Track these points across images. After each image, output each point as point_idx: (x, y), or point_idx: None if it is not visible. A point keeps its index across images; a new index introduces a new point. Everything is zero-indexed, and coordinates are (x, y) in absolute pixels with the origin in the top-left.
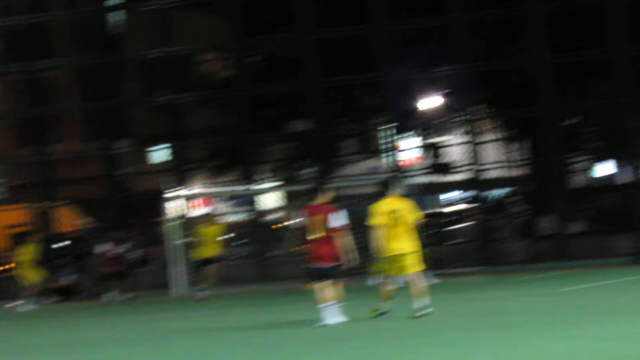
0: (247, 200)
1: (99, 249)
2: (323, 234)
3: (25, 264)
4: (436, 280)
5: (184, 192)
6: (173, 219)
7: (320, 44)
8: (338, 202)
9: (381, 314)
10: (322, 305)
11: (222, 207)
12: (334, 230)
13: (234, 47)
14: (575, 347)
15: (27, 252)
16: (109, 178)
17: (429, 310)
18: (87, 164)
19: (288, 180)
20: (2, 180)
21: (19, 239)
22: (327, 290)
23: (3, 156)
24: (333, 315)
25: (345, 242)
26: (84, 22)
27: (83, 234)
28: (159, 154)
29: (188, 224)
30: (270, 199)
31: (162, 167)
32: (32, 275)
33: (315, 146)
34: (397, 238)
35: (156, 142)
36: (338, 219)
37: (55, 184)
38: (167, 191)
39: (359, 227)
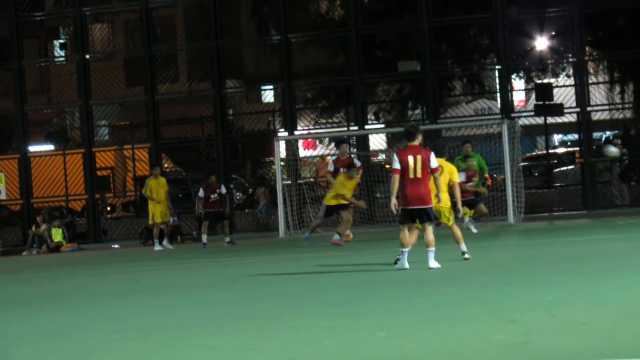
0: (358, 141)
1: (200, 191)
2: (421, 175)
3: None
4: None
5: (294, 133)
6: (283, 160)
7: None
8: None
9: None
10: (405, 250)
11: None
12: (435, 170)
13: None
14: None
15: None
16: (219, 119)
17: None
18: (196, 104)
19: (398, 122)
20: (110, 120)
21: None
22: (413, 235)
23: (112, 96)
24: (431, 260)
25: (440, 184)
26: None
27: (186, 176)
28: (269, 95)
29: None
30: (380, 141)
31: (272, 108)
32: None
33: (425, 87)
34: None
35: (266, 83)
36: (435, 161)
37: (164, 124)
38: (277, 132)
39: None
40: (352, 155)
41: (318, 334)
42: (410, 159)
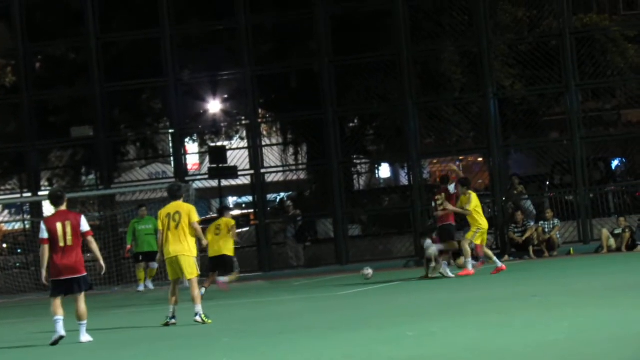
0: (28, 208)
1: None
2: (72, 243)
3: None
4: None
5: None
6: None
7: (105, 48)
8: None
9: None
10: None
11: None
12: (87, 234)
13: (18, 53)
14: (353, 350)
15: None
16: None
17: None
18: None
19: (72, 187)
20: None
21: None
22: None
23: None
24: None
25: (95, 247)
26: None
27: None
28: None
29: None
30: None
31: None
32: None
33: (98, 152)
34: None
35: None
36: (86, 224)
37: None
38: None
39: None
40: None
41: None
42: (59, 225)
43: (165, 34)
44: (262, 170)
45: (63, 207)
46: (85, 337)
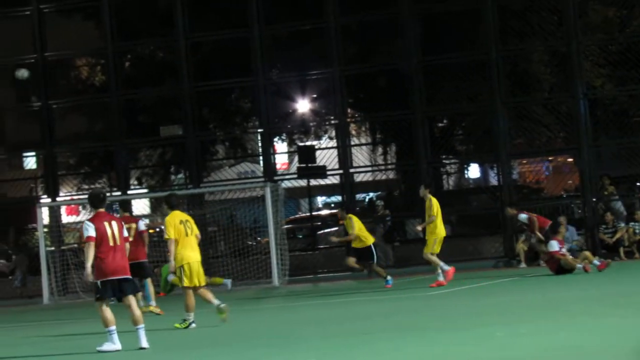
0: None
1: None
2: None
3: None
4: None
5: (56, 199)
6: (46, 227)
7: (193, 48)
8: None
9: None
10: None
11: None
12: (127, 240)
13: (107, 52)
14: (441, 350)
15: None
16: None
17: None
18: None
19: (161, 186)
20: None
21: None
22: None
23: None
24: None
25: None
26: None
27: None
28: (31, 161)
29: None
30: (142, 205)
31: (34, 174)
32: None
33: (187, 151)
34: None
35: (27, 149)
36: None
37: None
38: (39, 198)
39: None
40: None
41: None
42: (106, 225)
43: (254, 33)
44: (351, 170)
45: (103, 209)
46: (145, 342)
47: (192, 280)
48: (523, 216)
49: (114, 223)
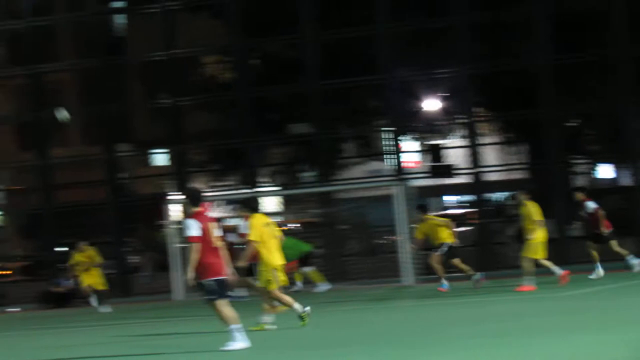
0: None
1: None
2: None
3: None
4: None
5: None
6: (174, 223)
7: (322, 46)
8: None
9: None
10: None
11: (223, 210)
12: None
13: (235, 50)
14: (576, 351)
15: None
16: (110, 182)
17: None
18: (87, 168)
19: (290, 184)
20: (2, 185)
21: None
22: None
23: (4, 161)
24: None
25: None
26: (86, 26)
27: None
28: (160, 158)
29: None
30: (270, 203)
31: (163, 171)
32: None
33: (316, 149)
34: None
35: (157, 146)
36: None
37: (56, 188)
38: (168, 195)
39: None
40: None
41: None
42: (209, 224)
43: (381, 31)
44: (481, 169)
45: (203, 207)
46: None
47: (278, 283)
48: (591, 205)
49: (212, 223)
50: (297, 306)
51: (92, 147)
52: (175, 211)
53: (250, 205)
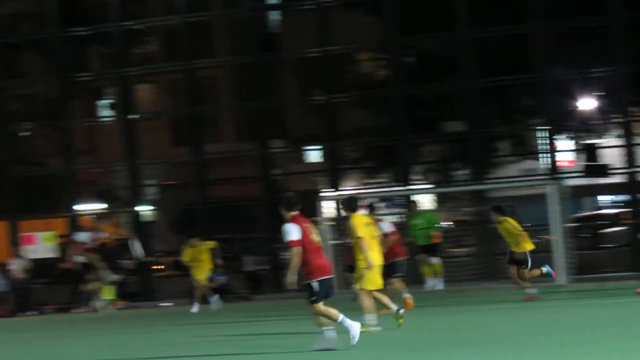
0: (400, 202)
1: None
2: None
3: None
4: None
5: (339, 192)
6: (328, 220)
7: (476, 43)
8: None
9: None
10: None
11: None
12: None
13: (390, 47)
14: None
15: None
16: (263, 178)
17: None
18: (241, 164)
19: (443, 182)
20: (156, 179)
21: None
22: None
23: (157, 156)
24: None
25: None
26: (241, 22)
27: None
28: (314, 154)
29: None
30: (423, 201)
31: (317, 168)
32: None
33: (469, 147)
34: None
35: (310, 142)
36: None
37: (209, 184)
38: (322, 192)
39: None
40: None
41: None
42: (307, 226)
43: (535, 29)
44: (636, 169)
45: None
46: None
47: (375, 283)
48: None
49: (310, 225)
50: (394, 306)
51: (245, 144)
52: (328, 208)
53: (349, 205)
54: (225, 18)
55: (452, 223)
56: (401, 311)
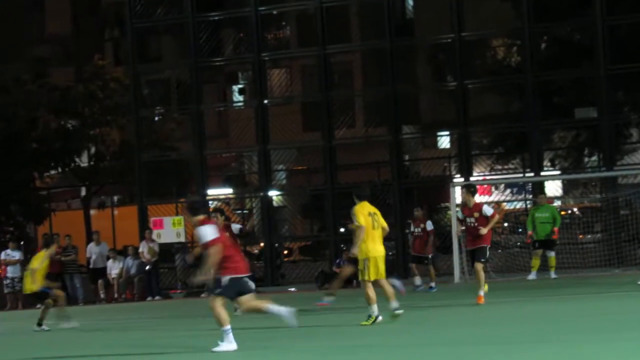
0: (530, 188)
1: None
2: None
3: None
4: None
5: (470, 178)
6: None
7: (610, 30)
8: None
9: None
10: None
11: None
12: None
13: (523, 33)
14: None
15: None
16: (394, 164)
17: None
18: (372, 149)
19: (574, 168)
20: (287, 165)
21: None
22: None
23: (288, 140)
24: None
25: None
26: (375, 7)
27: None
28: (444, 140)
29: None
30: (555, 187)
31: (447, 153)
32: None
33: (601, 134)
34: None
35: (442, 128)
36: None
37: (339, 169)
38: (452, 177)
39: None
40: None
41: None
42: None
43: None
44: None
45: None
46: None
47: (376, 273)
48: None
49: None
50: (394, 303)
51: (376, 129)
52: (458, 194)
53: (357, 194)
54: (360, 3)
55: (578, 210)
56: (398, 312)
